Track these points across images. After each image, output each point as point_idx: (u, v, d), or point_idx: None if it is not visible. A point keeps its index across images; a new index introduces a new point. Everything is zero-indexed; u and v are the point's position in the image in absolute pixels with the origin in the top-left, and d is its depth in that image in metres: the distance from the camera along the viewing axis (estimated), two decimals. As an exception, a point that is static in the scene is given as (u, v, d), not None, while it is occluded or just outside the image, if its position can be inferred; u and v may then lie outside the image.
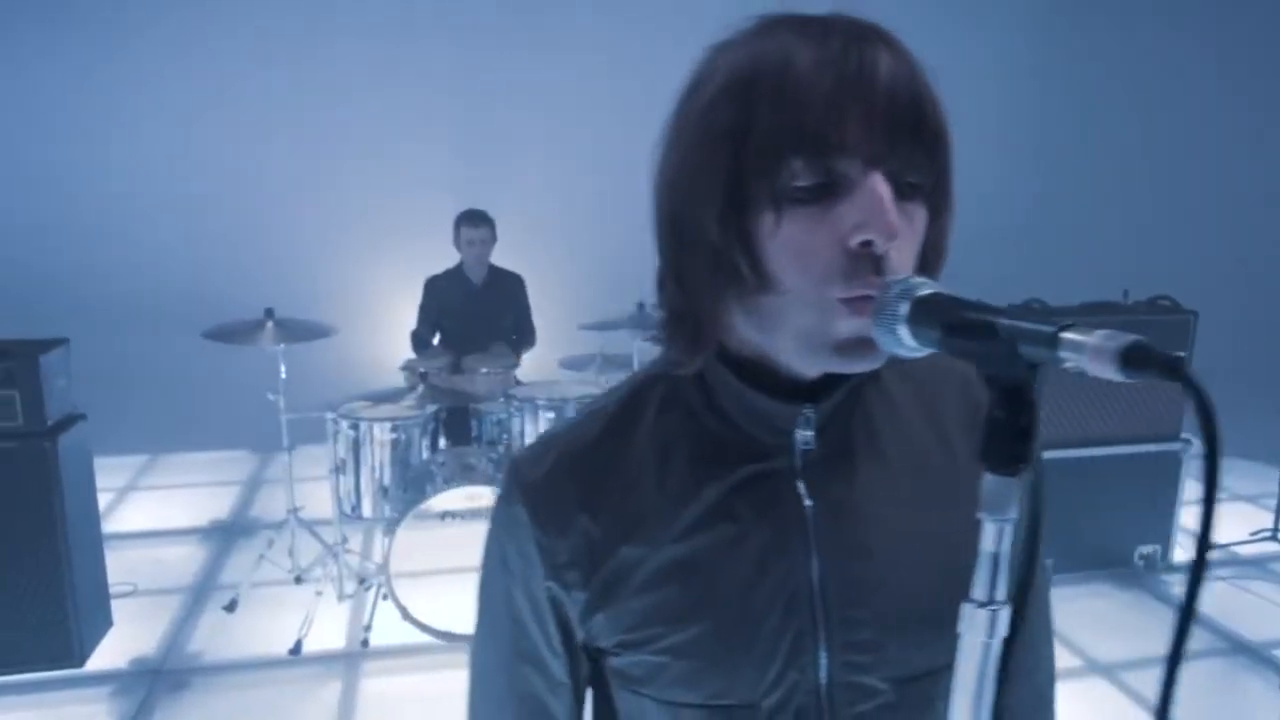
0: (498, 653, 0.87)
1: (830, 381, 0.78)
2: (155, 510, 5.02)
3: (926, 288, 0.64)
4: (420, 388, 3.73)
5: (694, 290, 0.75)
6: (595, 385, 4.16)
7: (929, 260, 0.75)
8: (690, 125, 0.73)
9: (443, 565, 3.55)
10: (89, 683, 3.38)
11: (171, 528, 4.78)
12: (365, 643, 3.59)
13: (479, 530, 0.88)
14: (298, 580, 4.06)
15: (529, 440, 3.95)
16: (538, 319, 4.67)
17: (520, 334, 4.59)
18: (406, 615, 3.50)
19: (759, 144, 0.68)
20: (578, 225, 5.84)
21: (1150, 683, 3.34)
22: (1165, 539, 4.19)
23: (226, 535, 4.69)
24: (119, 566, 3.91)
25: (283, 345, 3.82)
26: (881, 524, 0.80)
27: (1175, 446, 4.12)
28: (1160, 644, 2.15)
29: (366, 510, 3.97)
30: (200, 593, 4.07)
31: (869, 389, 0.83)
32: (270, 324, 3.82)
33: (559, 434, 0.86)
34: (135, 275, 5.49)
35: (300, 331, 3.89)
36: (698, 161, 0.72)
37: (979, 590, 0.60)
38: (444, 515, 3.53)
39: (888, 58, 0.68)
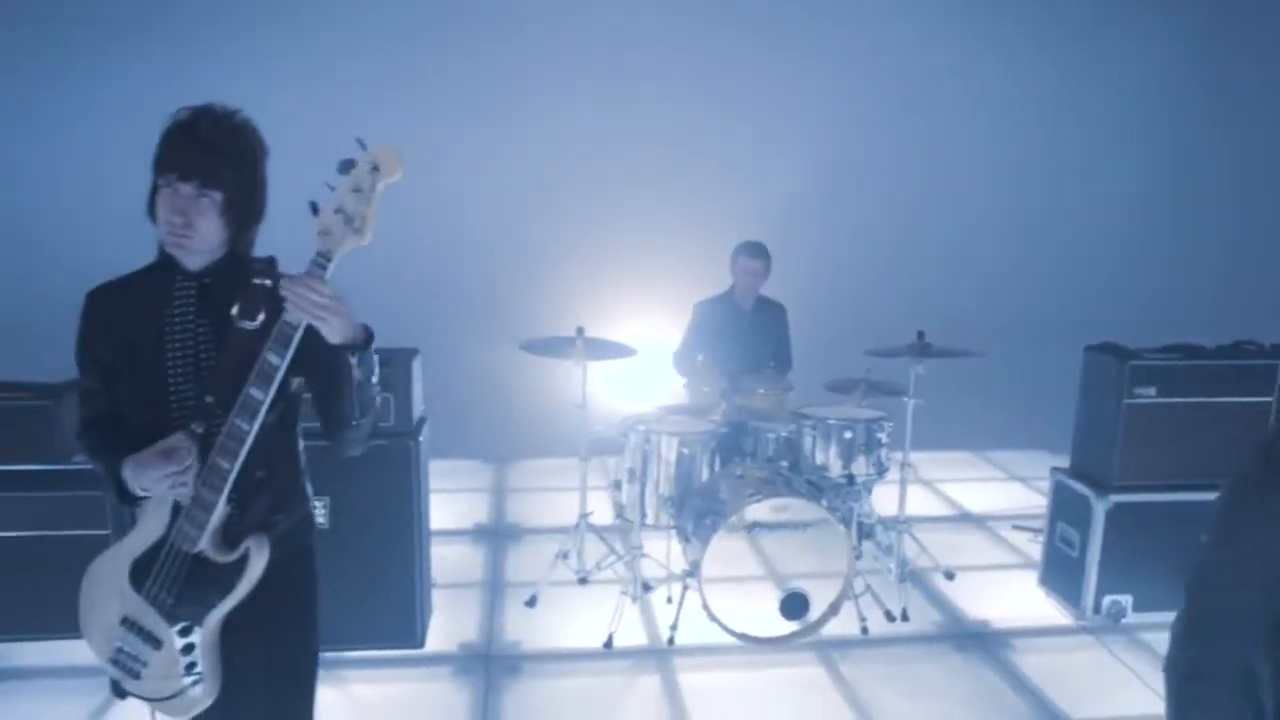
0: (1246, 582, 1.21)
1: None
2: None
3: None
4: (723, 405, 3.99)
5: None
6: (871, 408, 4.37)
7: None
8: None
9: (746, 572, 3.81)
10: (430, 662, 3.72)
11: (438, 528, 5.14)
12: (671, 640, 3.85)
13: (782, 539, 1.17)
14: (582, 581, 4.36)
15: (819, 459, 4.21)
16: (804, 344, 4.92)
17: (779, 360, 4.84)
18: (713, 617, 3.76)
19: None
20: (857, 255, 6.17)
21: None
22: None
23: (493, 536, 5.05)
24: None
25: (588, 361, 4.16)
26: None
27: None
28: None
29: (651, 518, 4.26)
30: (495, 588, 4.41)
31: None
32: (580, 341, 4.16)
33: None
34: (460, 291, 6.03)
35: (605, 350, 4.22)
36: None
37: None
38: (752, 526, 3.78)
39: None
